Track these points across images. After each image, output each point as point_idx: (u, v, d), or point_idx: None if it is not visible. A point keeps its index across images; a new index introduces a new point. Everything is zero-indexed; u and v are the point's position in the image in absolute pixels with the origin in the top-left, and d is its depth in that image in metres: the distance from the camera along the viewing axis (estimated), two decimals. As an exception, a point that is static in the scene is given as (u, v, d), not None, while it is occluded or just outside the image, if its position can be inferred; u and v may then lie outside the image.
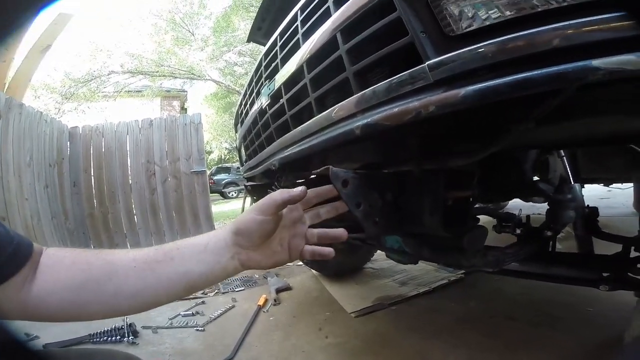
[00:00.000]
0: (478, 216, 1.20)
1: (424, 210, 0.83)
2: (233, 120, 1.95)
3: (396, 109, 0.59)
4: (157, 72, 10.87)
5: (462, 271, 2.16)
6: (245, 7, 10.31)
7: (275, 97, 1.08)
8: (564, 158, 1.24)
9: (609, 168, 1.36)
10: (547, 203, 1.20)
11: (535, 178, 1.14)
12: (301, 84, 0.91)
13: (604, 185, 2.36)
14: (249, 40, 2.59)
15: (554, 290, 1.69)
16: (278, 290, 2.28)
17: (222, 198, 13.24)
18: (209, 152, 17.51)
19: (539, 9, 0.45)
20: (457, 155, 0.68)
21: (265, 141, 1.22)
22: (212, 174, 13.83)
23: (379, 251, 2.46)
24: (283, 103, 1.02)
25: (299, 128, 0.93)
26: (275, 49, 1.13)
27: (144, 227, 3.87)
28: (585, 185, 1.91)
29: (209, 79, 12.25)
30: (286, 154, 1.00)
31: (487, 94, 0.48)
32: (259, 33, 2.32)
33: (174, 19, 11.16)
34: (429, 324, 1.60)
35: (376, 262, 2.57)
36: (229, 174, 13.99)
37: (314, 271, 2.56)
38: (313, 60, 0.86)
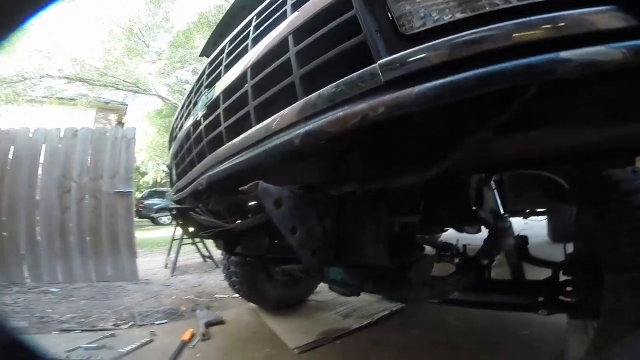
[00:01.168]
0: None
1: (367, 238, 0.78)
2: (168, 144, 1.75)
3: (341, 113, 0.54)
4: (99, 81, 9.92)
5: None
6: (209, 25, 10.04)
7: (212, 107, 0.98)
8: (495, 191, 1.31)
9: (530, 199, 1.48)
10: (485, 232, 1.24)
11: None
12: (242, 90, 0.83)
13: (523, 218, 2.64)
14: (202, 55, 2.48)
15: (491, 316, 1.72)
16: (208, 324, 2.02)
17: (153, 224, 12.13)
18: (144, 174, 16.18)
19: (501, 7, 0.44)
20: (407, 172, 0.63)
21: (197, 157, 1.08)
22: (144, 198, 12.75)
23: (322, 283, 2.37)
24: (219, 113, 0.92)
25: (234, 140, 0.83)
26: (222, 56, 1.06)
27: (49, 249, 3.29)
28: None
29: (154, 94, 11.58)
30: (216, 171, 0.89)
31: (444, 92, 0.44)
32: (213, 48, 2.24)
33: (131, 28, 10.48)
34: (374, 356, 1.53)
35: (319, 294, 2.45)
36: (163, 198, 12.97)
37: (251, 304, 2.34)
38: (258, 65, 0.80)
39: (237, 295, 2.38)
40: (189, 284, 3.22)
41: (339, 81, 0.57)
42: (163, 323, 2.17)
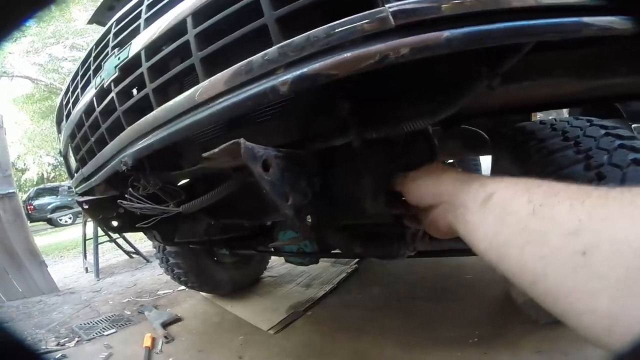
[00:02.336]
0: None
1: (364, 194, 0.71)
2: (56, 127, 1.35)
3: (349, 54, 0.48)
4: None
5: (355, 262, 2.24)
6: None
7: (127, 68, 0.77)
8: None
9: (452, 149, 1.62)
10: None
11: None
12: (181, 40, 0.66)
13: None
14: (91, 22, 1.99)
15: (433, 264, 1.90)
16: (165, 325, 1.83)
17: (51, 227, 10.32)
18: (23, 170, 13.44)
19: None
20: (415, 117, 0.59)
21: (108, 134, 0.86)
22: (31, 198, 10.68)
23: (273, 257, 2.31)
24: (141, 74, 0.72)
25: (170, 102, 0.67)
26: (140, 9, 0.83)
27: None
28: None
29: (20, 76, 9.45)
30: (145, 143, 0.71)
31: (480, 38, 0.43)
32: (108, 14, 1.81)
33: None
34: (349, 321, 1.56)
35: (273, 269, 2.40)
36: (58, 196, 11.03)
37: (203, 294, 2.18)
38: (208, 8, 0.63)
39: (183, 287, 2.19)
40: (122, 285, 2.85)
41: (334, 22, 0.49)
42: (113, 332, 1.91)
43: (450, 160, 2.42)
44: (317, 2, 0.52)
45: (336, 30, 0.49)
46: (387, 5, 0.47)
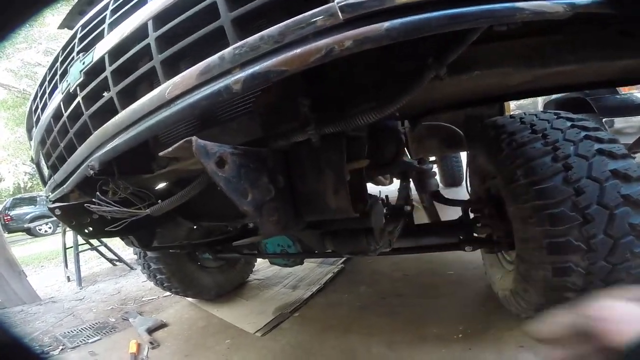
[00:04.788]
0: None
1: (326, 189, 0.72)
2: (27, 134, 1.31)
3: (298, 50, 0.49)
4: None
5: (341, 261, 2.24)
6: (66, -1, 8.02)
7: (92, 73, 0.77)
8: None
9: (429, 147, 1.66)
10: (396, 183, 1.29)
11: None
12: (143, 44, 0.66)
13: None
14: (62, 27, 1.95)
15: (417, 261, 1.92)
16: (150, 331, 1.80)
17: (30, 237, 10.03)
18: (-1, 180, 13.00)
19: None
20: (367, 111, 0.61)
21: (76, 139, 0.85)
22: (8, 208, 10.34)
23: (259, 260, 2.29)
24: (106, 77, 0.73)
25: (133, 105, 0.67)
26: (104, 14, 0.83)
27: None
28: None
29: None
30: (111, 146, 0.71)
31: (418, 27, 0.45)
32: (78, 18, 1.77)
33: None
34: (336, 320, 1.56)
35: (259, 272, 2.38)
36: (36, 205, 10.74)
37: (189, 299, 2.15)
38: (168, 12, 0.64)
39: (168, 293, 2.16)
40: (106, 293, 2.79)
41: (287, 21, 0.51)
42: (97, 340, 1.88)
43: (432, 158, 2.47)
44: (271, 2, 0.52)
45: (289, 28, 0.50)
46: (336, 1, 0.48)
